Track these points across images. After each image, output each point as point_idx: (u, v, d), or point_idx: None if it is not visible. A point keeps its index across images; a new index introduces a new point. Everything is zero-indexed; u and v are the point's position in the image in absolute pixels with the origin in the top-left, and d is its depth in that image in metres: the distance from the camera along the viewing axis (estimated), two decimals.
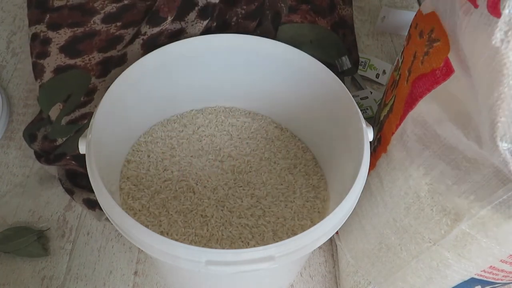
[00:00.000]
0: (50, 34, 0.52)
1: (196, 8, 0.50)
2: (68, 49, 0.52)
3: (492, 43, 0.25)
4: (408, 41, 0.39)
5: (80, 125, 0.51)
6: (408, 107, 0.35)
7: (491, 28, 0.25)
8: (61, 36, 0.52)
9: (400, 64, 0.40)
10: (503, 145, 0.26)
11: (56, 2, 0.53)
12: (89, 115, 0.50)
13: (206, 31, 0.51)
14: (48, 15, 0.53)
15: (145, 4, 0.54)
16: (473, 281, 0.36)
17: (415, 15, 0.38)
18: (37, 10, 0.54)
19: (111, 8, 0.53)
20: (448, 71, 0.31)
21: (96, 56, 0.51)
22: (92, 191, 0.36)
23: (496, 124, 0.26)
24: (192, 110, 0.54)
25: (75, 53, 0.51)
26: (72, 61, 0.51)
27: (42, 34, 0.52)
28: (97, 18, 0.52)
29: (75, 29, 0.52)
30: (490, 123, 0.26)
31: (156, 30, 0.48)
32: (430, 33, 0.34)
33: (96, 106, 0.49)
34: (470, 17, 0.26)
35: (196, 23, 0.50)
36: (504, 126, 0.26)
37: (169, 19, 0.48)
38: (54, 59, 0.52)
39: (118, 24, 0.52)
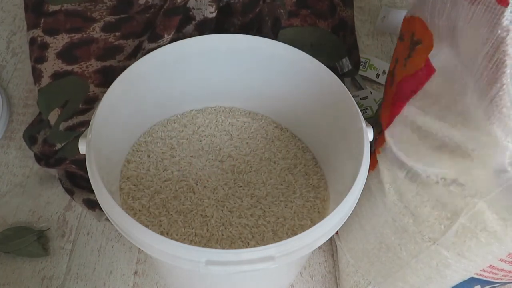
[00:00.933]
0: (48, 39, 0.52)
1: (193, 22, 0.50)
2: (65, 55, 0.51)
3: (498, 32, 0.25)
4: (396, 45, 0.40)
5: (78, 132, 0.51)
6: (394, 109, 0.35)
7: (497, 17, 0.25)
8: (58, 42, 0.52)
9: (391, 68, 0.40)
10: (502, 136, 0.26)
11: (51, 7, 0.53)
12: (87, 123, 0.50)
13: None
14: (43, 20, 0.53)
15: (145, 16, 0.54)
16: (472, 280, 0.37)
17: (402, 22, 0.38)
18: (33, 15, 0.54)
19: (109, 19, 0.53)
20: (429, 71, 0.31)
21: (94, 64, 0.51)
22: (92, 191, 0.36)
23: (496, 116, 0.26)
24: (192, 110, 0.54)
25: (72, 59, 0.51)
26: (69, 67, 0.51)
27: (39, 38, 0.52)
28: (96, 26, 0.52)
29: (73, 34, 0.52)
30: (489, 115, 0.26)
31: (153, 45, 0.49)
32: (412, 36, 0.34)
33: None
34: (476, 7, 0.26)
35: (193, 36, 0.50)
36: (505, 117, 0.26)
37: (166, 36, 0.48)
38: (52, 65, 0.51)
39: (117, 34, 0.52)
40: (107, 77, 0.51)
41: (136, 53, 0.52)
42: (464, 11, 0.27)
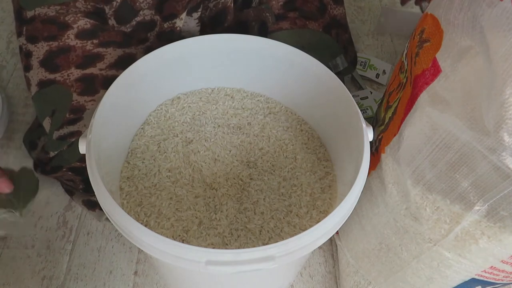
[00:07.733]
0: (30, 47, 0.51)
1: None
2: (47, 63, 0.51)
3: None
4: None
5: (69, 142, 0.50)
6: (408, 109, 0.35)
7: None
8: (39, 50, 0.51)
9: (406, 67, 0.40)
10: (509, 140, 0.26)
11: (28, 13, 0.52)
12: (77, 134, 0.50)
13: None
14: (24, 27, 0.52)
15: (123, 31, 0.53)
16: (473, 281, 0.36)
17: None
18: (17, 22, 0.54)
19: (84, 23, 0.51)
20: (435, 71, 0.31)
21: (75, 72, 0.50)
22: (92, 193, 0.36)
23: (505, 121, 0.26)
24: None
25: (54, 68, 0.51)
26: (52, 76, 0.50)
27: (24, 46, 0.52)
28: (71, 33, 0.51)
29: (51, 43, 0.51)
30: (498, 119, 0.26)
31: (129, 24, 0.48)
32: (421, 33, 0.34)
33: (85, 125, 0.49)
34: (493, 10, 0.26)
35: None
36: None
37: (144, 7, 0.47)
38: (36, 73, 0.51)
39: (95, 41, 0.51)
40: (89, 85, 0.51)
41: (120, 63, 0.51)
42: (481, 12, 0.27)
